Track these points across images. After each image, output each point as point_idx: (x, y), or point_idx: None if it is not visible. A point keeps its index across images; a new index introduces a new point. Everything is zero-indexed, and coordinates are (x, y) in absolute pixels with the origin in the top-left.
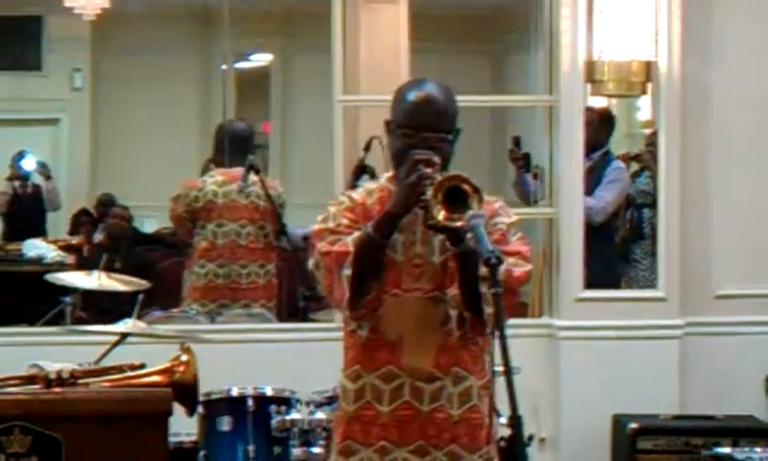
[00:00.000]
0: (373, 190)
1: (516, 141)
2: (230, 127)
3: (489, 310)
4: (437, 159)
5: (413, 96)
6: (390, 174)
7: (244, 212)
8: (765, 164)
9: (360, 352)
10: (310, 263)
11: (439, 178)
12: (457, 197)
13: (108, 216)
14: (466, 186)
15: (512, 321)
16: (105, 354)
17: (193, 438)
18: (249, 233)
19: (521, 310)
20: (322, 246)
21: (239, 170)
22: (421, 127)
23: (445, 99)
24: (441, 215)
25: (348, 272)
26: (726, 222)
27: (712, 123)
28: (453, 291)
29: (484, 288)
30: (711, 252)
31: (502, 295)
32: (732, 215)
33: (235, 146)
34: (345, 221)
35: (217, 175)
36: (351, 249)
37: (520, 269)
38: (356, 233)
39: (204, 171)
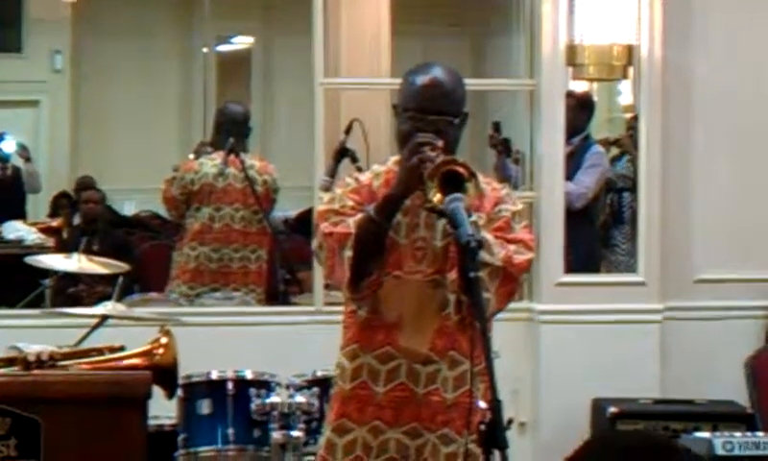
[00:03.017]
0: (380, 173)
1: (496, 126)
2: (228, 110)
3: (487, 295)
4: (439, 142)
5: (419, 80)
6: (397, 157)
7: (239, 196)
8: (745, 149)
9: (359, 332)
10: (313, 244)
11: (438, 160)
12: (453, 181)
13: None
14: (462, 170)
15: None
16: (84, 337)
17: (172, 421)
18: (242, 217)
19: None
20: (325, 227)
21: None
22: (427, 110)
23: (452, 83)
24: (436, 198)
25: (349, 253)
26: (706, 206)
27: (693, 107)
28: (453, 275)
29: (483, 273)
30: (691, 236)
31: (502, 281)
32: (711, 200)
33: (232, 129)
34: (350, 203)
35: (218, 157)
36: (353, 230)
37: (521, 256)
38: (359, 215)
39: (198, 154)
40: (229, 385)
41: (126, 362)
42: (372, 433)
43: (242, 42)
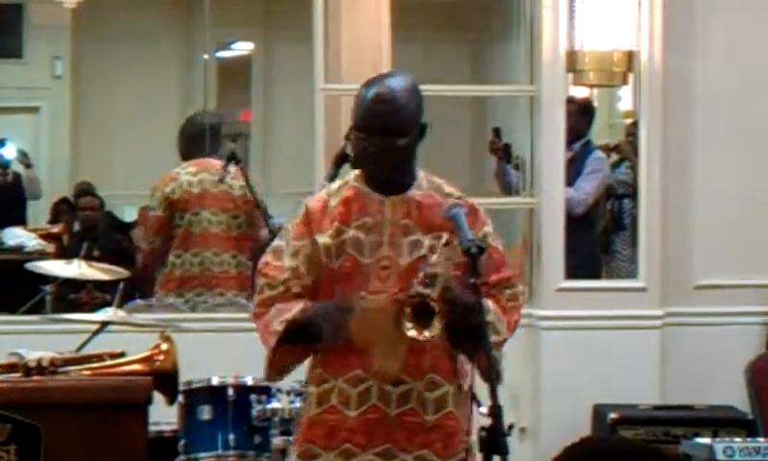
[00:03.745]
0: (340, 189)
1: (497, 132)
2: (200, 120)
3: (500, 366)
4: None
5: (368, 95)
6: (357, 172)
7: (215, 202)
8: (746, 155)
9: (326, 356)
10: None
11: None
12: (425, 311)
13: (80, 207)
14: (431, 304)
15: None
16: (85, 343)
17: (173, 427)
18: (220, 222)
19: None
20: (256, 310)
21: (211, 160)
22: (372, 130)
23: (404, 97)
24: (413, 333)
25: (269, 354)
26: (706, 213)
27: (693, 113)
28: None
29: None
30: (691, 242)
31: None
32: (712, 206)
33: (205, 137)
34: (289, 263)
35: (190, 166)
36: (272, 343)
37: (516, 307)
38: (285, 317)
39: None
40: (230, 391)
41: (126, 368)
42: (343, 456)
43: (242, 48)
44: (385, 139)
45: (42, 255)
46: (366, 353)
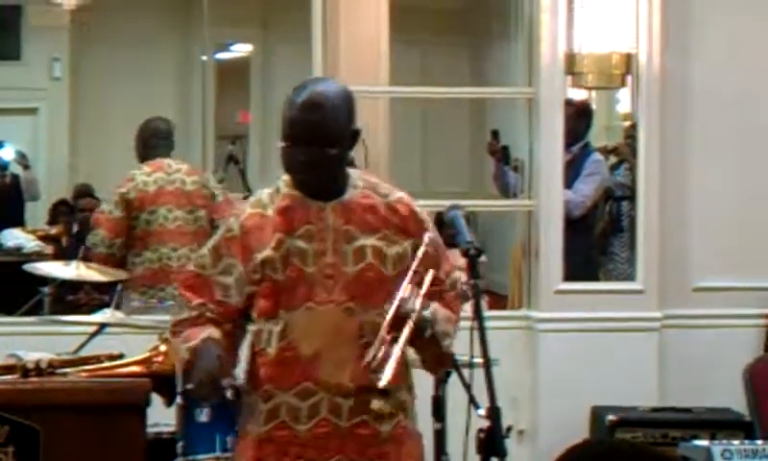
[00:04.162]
0: (272, 197)
1: (495, 134)
2: (154, 124)
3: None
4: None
5: (295, 103)
6: (286, 178)
7: (170, 198)
8: (743, 157)
9: (272, 370)
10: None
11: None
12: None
13: (79, 208)
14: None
15: (490, 313)
16: (83, 345)
17: (171, 428)
18: (176, 218)
19: (501, 303)
20: (172, 328)
21: (165, 160)
22: (300, 139)
23: (332, 106)
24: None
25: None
26: (704, 215)
27: (691, 115)
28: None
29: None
30: (689, 244)
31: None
32: (710, 208)
33: (159, 141)
34: (196, 301)
35: (145, 167)
36: (179, 369)
37: (459, 300)
38: (188, 345)
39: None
40: (228, 393)
41: (125, 370)
42: None
43: (241, 50)
44: (314, 149)
45: (40, 257)
46: (314, 365)
